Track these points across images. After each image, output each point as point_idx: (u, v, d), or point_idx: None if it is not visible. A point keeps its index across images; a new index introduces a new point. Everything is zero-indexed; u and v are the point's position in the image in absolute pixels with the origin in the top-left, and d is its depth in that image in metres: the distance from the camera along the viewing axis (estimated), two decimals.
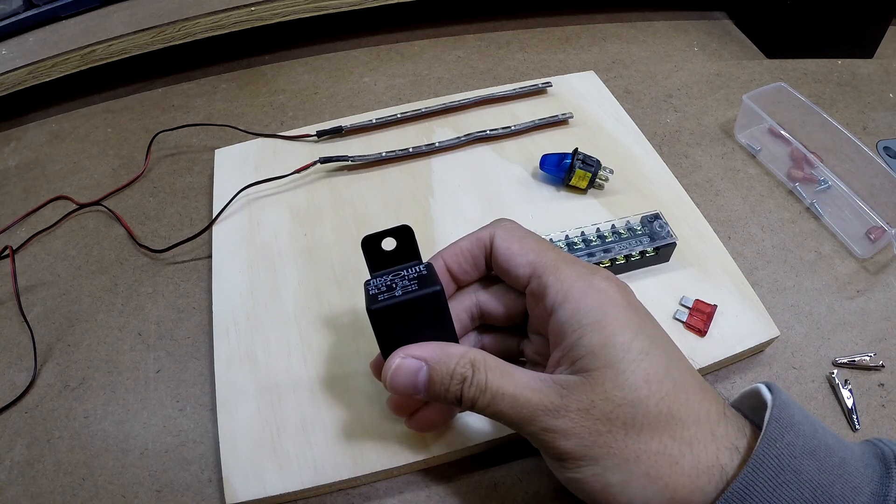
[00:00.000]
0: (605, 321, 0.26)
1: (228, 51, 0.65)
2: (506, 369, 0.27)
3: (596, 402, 0.25)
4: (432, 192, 0.47)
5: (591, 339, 0.26)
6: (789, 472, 0.23)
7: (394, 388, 0.28)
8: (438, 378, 0.27)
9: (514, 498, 0.33)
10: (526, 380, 0.27)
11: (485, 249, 0.31)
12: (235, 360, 0.38)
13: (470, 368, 0.27)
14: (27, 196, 0.52)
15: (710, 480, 0.24)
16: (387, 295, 0.28)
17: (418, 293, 0.28)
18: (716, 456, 0.25)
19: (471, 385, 0.27)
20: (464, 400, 0.27)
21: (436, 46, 0.65)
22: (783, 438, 0.24)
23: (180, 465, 0.35)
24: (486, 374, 0.27)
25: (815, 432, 0.25)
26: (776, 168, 0.51)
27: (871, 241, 0.45)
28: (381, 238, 0.30)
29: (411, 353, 0.28)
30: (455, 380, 0.27)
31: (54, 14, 0.58)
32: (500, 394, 0.26)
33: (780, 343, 0.40)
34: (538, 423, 0.26)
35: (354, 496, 0.34)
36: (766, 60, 0.63)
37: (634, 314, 0.27)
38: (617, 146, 0.50)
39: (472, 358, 0.27)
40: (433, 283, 0.28)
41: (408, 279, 0.29)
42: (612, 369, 0.25)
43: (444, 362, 0.27)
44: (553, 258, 0.29)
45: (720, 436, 0.25)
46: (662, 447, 0.25)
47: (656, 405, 0.25)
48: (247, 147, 0.52)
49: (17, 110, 0.60)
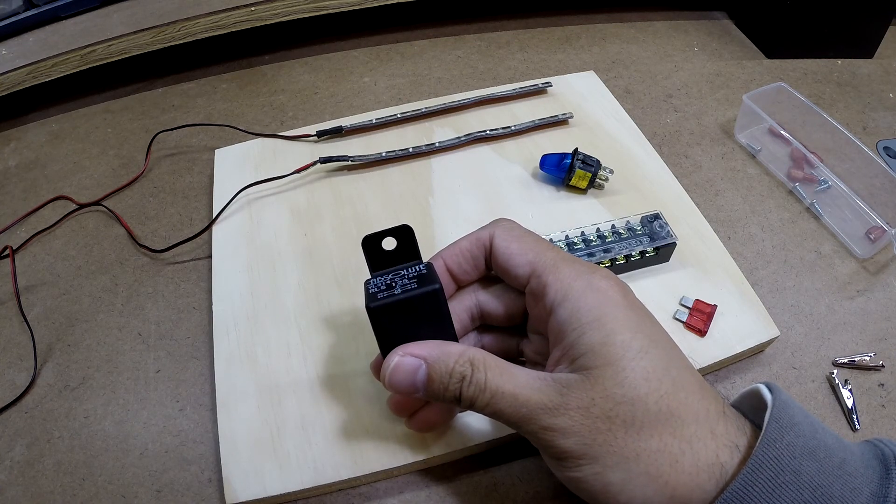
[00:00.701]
0: (604, 319, 0.26)
1: (228, 51, 0.65)
2: (505, 368, 0.27)
3: (596, 399, 0.25)
4: (432, 192, 0.47)
5: (591, 337, 0.26)
6: (789, 473, 0.23)
7: (392, 386, 0.28)
8: (437, 377, 0.27)
9: (514, 498, 0.33)
10: (525, 379, 0.27)
11: (484, 249, 0.31)
12: (235, 360, 0.38)
13: (469, 367, 0.27)
14: (27, 196, 0.52)
15: (711, 478, 0.24)
16: (386, 293, 0.28)
17: (417, 291, 0.28)
18: (716, 454, 0.25)
19: (470, 384, 0.27)
20: (463, 399, 0.27)
21: (436, 46, 0.65)
22: (783, 439, 0.24)
23: (180, 465, 0.35)
24: (486, 372, 0.27)
25: (815, 433, 0.25)
26: (776, 168, 0.51)
27: (871, 241, 0.45)
28: (382, 238, 0.30)
29: (410, 351, 0.28)
30: (454, 378, 0.27)
31: (54, 14, 0.58)
32: (499, 392, 0.26)
33: (780, 343, 0.40)
34: (538, 421, 0.26)
35: (354, 496, 0.34)
36: (766, 60, 0.63)
37: (634, 313, 0.27)
38: (617, 146, 0.50)
39: (472, 356, 0.27)
40: (432, 282, 0.28)
41: (407, 278, 0.29)
42: (612, 367, 0.25)
43: (443, 361, 0.27)
44: (552, 257, 0.29)
45: (720, 434, 0.25)
46: (662, 445, 0.25)
47: (656, 403, 0.25)
48: (247, 147, 0.52)
49: (17, 110, 0.60)
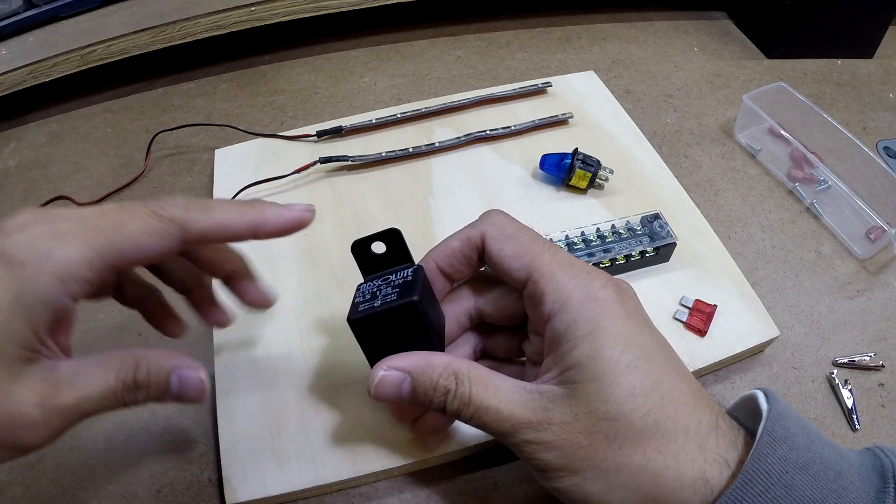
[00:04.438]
0: (596, 333, 0.26)
1: (228, 51, 0.65)
2: (490, 381, 0.27)
3: (579, 415, 0.25)
4: (432, 192, 0.47)
5: (582, 350, 0.26)
6: (780, 488, 0.23)
7: (378, 398, 0.28)
8: (422, 390, 0.27)
9: (514, 498, 0.33)
10: (510, 393, 0.26)
11: (476, 249, 0.30)
12: (235, 360, 0.38)
13: (453, 381, 0.27)
14: (27, 196, 0.52)
15: (696, 494, 0.24)
16: (367, 305, 0.28)
17: (394, 304, 0.28)
18: (703, 469, 0.24)
19: (454, 398, 0.27)
20: (447, 411, 0.27)
21: (436, 46, 0.65)
22: (775, 452, 0.24)
23: (180, 465, 0.35)
24: (470, 386, 0.27)
25: (811, 445, 0.24)
26: (776, 168, 0.51)
27: (871, 241, 0.45)
28: (371, 242, 0.30)
29: (394, 364, 0.28)
30: (438, 392, 0.27)
31: (54, 14, 0.58)
32: (483, 407, 0.26)
33: (780, 343, 0.40)
34: (520, 435, 0.26)
35: (354, 496, 0.34)
36: (766, 60, 0.63)
37: (631, 323, 0.27)
38: (617, 146, 0.50)
39: (456, 369, 0.27)
40: (411, 293, 0.28)
41: (392, 286, 0.29)
42: (598, 382, 0.25)
43: (427, 374, 0.27)
44: (548, 261, 0.28)
45: (710, 448, 0.25)
46: (646, 460, 0.25)
47: (641, 419, 0.25)
48: (247, 147, 0.52)
49: (17, 110, 0.60)
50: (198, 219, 0.25)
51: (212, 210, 0.26)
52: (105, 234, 0.23)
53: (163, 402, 0.26)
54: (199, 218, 0.25)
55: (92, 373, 0.24)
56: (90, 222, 0.23)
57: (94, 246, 0.23)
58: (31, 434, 0.23)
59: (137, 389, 0.25)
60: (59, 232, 0.23)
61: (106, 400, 0.24)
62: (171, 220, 0.24)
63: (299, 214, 0.28)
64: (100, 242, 0.23)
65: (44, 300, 0.22)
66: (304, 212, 0.28)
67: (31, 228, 0.23)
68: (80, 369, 0.24)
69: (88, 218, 0.24)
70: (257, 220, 0.26)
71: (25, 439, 0.23)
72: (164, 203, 0.25)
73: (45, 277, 0.22)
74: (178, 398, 0.27)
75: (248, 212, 0.26)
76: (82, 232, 0.23)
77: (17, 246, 0.22)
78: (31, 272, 0.22)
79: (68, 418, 0.23)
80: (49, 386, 0.23)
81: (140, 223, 0.24)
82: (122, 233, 0.24)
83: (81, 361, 0.24)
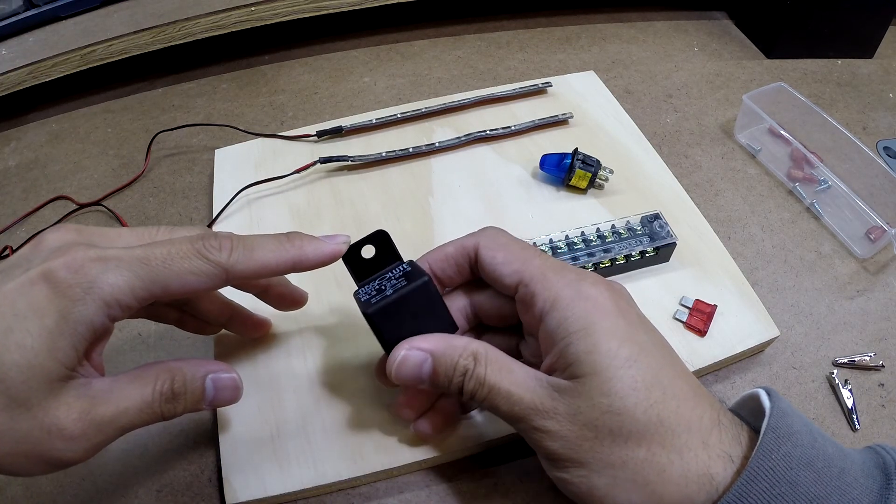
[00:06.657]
0: (591, 328, 0.26)
1: (228, 51, 0.65)
2: (505, 364, 0.28)
3: (582, 408, 0.25)
4: (432, 192, 0.47)
5: (578, 346, 0.26)
6: (785, 484, 0.23)
7: (399, 378, 0.28)
8: (442, 370, 0.28)
9: (514, 498, 0.33)
10: (523, 377, 0.27)
11: (469, 259, 0.31)
12: (235, 360, 0.38)
13: (472, 361, 0.27)
14: (27, 196, 0.52)
15: (700, 490, 0.24)
16: (378, 297, 0.29)
17: (408, 287, 0.29)
18: (707, 465, 0.24)
19: (471, 378, 0.27)
20: (464, 392, 0.28)
21: (436, 46, 0.65)
22: (780, 449, 0.24)
23: (180, 465, 0.35)
24: (486, 367, 0.27)
25: (814, 442, 0.25)
26: (776, 168, 0.51)
27: (871, 241, 0.45)
28: (360, 247, 0.31)
29: (416, 345, 0.28)
30: (458, 371, 0.27)
31: (54, 14, 0.58)
32: (495, 388, 0.27)
33: (780, 343, 0.40)
34: (529, 421, 0.26)
35: (354, 496, 0.34)
36: (766, 60, 0.63)
37: (623, 320, 0.27)
38: (617, 146, 0.50)
39: (475, 350, 0.28)
40: (421, 275, 0.29)
41: (395, 278, 0.30)
42: (598, 377, 0.25)
43: (448, 354, 0.28)
44: (539, 265, 0.29)
45: (713, 444, 0.25)
46: (650, 455, 0.25)
47: (644, 413, 0.25)
48: (247, 147, 0.52)
49: (17, 110, 0.60)
50: (241, 262, 0.26)
51: (254, 251, 0.27)
52: (153, 268, 0.24)
53: (199, 409, 0.28)
54: (242, 262, 0.26)
55: (127, 387, 0.25)
56: (139, 253, 0.24)
57: (141, 276, 0.24)
58: (69, 448, 0.23)
59: (175, 399, 0.26)
60: (107, 258, 0.24)
61: (143, 413, 0.25)
62: (217, 263, 0.25)
63: (336, 248, 0.29)
64: (147, 274, 0.24)
65: (88, 323, 0.23)
66: (342, 244, 0.29)
67: (78, 251, 0.24)
68: (115, 385, 0.25)
69: (137, 248, 0.25)
70: (296, 257, 0.28)
71: (64, 454, 0.23)
72: (211, 245, 0.26)
73: (92, 302, 0.23)
74: (213, 403, 0.28)
75: (288, 249, 0.28)
76: (132, 262, 0.24)
77: (65, 268, 0.23)
78: (78, 295, 0.23)
79: (106, 433, 0.24)
80: (87, 402, 0.24)
81: (187, 263, 0.25)
82: (169, 269, 0.25)
83: (115, 378, 0.25)
